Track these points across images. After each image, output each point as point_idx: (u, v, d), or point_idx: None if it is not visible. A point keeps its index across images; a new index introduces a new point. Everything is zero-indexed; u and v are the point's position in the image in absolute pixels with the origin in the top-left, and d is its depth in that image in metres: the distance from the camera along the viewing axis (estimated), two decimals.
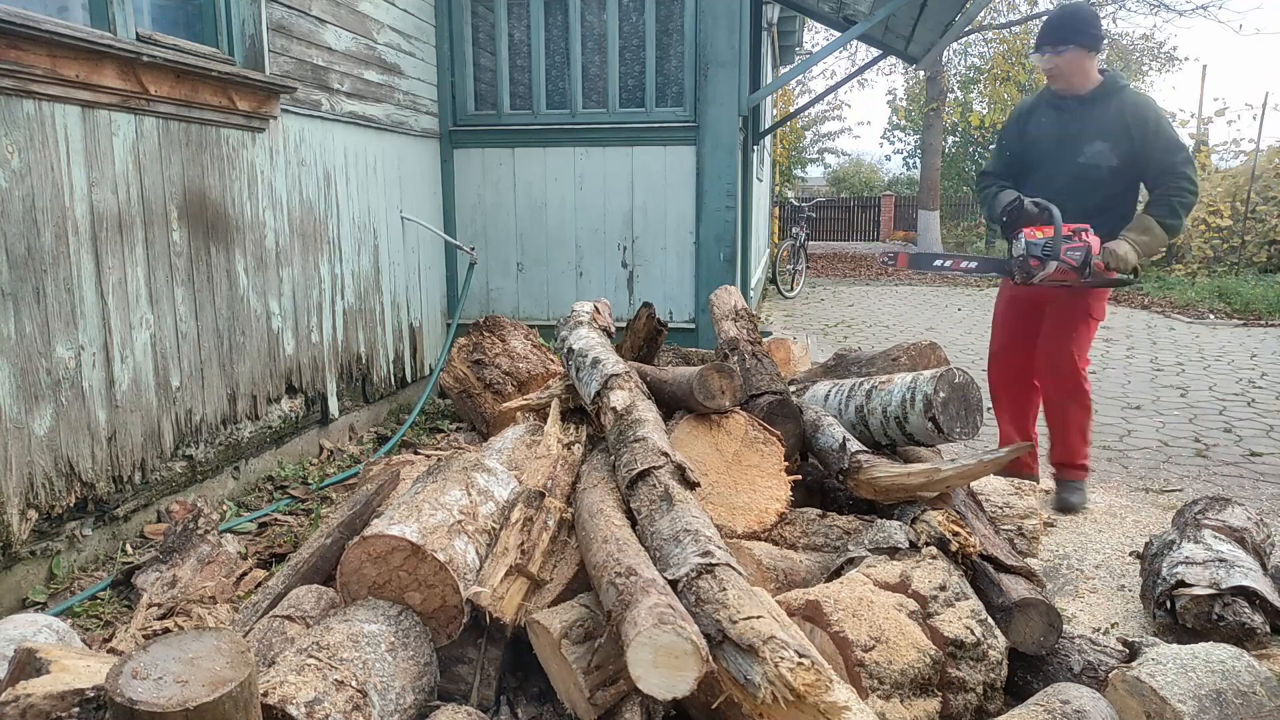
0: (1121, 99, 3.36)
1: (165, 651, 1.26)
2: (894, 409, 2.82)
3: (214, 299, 3.33)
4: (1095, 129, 3.39)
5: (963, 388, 2.72)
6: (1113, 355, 7.23)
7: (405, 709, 1.65)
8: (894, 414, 2.82)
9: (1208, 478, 4.02)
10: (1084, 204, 3.35)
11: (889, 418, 2.84)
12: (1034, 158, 3.59)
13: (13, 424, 2.47)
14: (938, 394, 2.69)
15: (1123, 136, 3.33)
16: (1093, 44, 3.33)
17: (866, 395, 2.95)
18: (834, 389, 3.13)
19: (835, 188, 31.95)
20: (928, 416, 2.69)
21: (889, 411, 2.83)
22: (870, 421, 2.90)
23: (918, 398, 2.74)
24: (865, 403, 2.94)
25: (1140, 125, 3.31)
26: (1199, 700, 1.64)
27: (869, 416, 2.91)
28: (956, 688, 1.81)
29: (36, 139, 2.53)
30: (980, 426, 2.75)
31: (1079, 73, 3.36)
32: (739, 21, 5.01)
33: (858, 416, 2.95)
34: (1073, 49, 3.30)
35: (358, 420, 4.43)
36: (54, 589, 2.61)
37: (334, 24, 4.11)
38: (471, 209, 5.46)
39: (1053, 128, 3.51)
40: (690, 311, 5.37)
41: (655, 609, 1.46)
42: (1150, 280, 11.68)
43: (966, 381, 2.73)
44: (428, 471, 2.27)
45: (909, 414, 2.76)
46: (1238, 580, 2.32)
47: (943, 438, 2.72)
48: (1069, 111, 3.45)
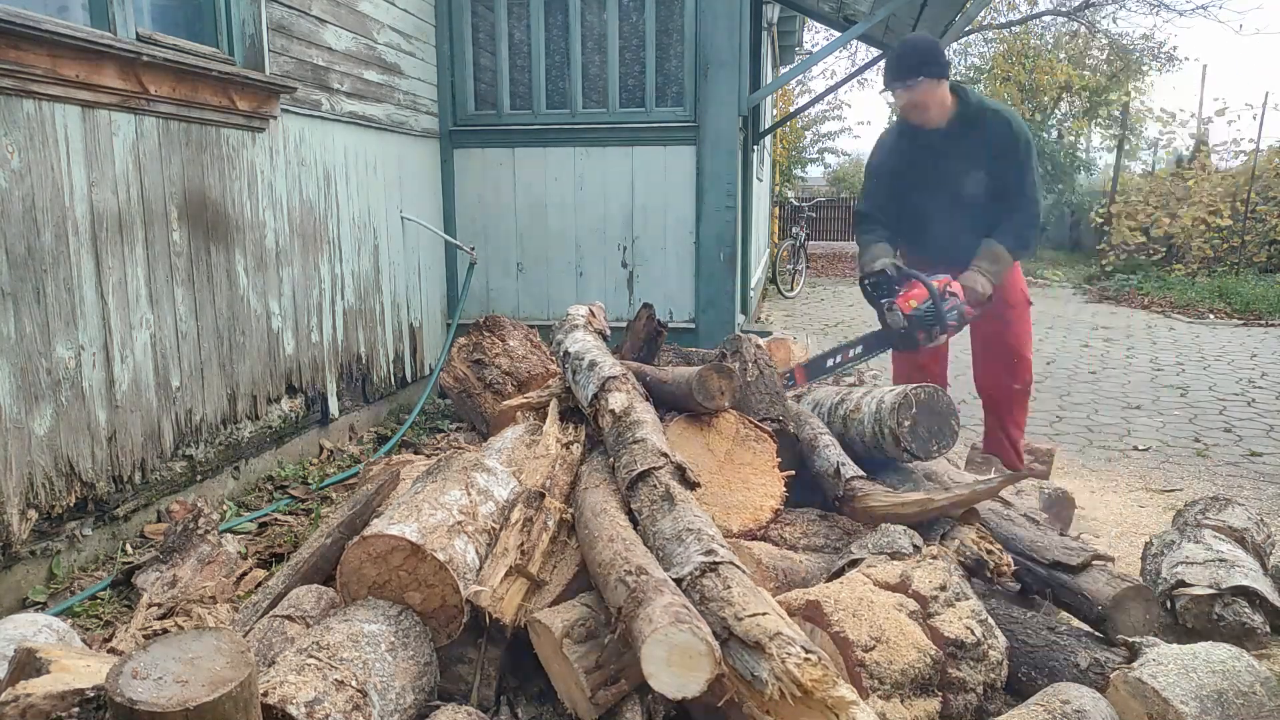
0: (983, 124, 3.33)
1: (165, 651, 1.26)
2: (869, 439, 2.74)
3: (214, 299, 3.33)
4: (964, 161, 3.37)
5: (928, 402, 2.62)
6: (1113, 355, 7.23)
7: (405, 709, 1.65)
8: (871, 444, 2.75)
9: (1208, 478, 4.02)
10: (966, 234, 3.37)
11: (869, 445, 2.77)
12: (908, 193, 3.56)
13: (13, 424, 2.47)
14: (902, 425, 2.59)
15: (992, 161, 3.33)
16: (940, 72, 3.30)
17: (844, 423, 2.87)
18: (815, 409, 3.07)
19: (835, 188, 31.90)
20: (902, 449, 2.62)
21: (866, 441, 2.76)
22: (855, 447, 2.81)
23: (885, 432, 2.65)
24: (845, 431, 2.86)
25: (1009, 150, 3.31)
26: (1200, 701, 1.64)
27: (852, 443, 2.82)
28: (957, 688, 1.81)
29: (36, 139, 2.53)
30: (958, 431, 2.66)
31: (934, 103, 3.33)
32: (739, 21, 5.01)
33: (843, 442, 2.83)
34: (922, 80, 3.27)
35: (358, 420, 4.43)
36: (54, 589, 2.61)
37: (334, 24, 4.11)
38: (471, 209, 5.46)
39: (921, 163, 3.48)
40: (690, 311, 5.36)
41: (670, 608, 1.46)
42: (1150, 280, 11.69)
43: (930, 394, 2.63)
44: (427, 471, 2.27)
45: (884, 445, 2.69)
46: (1238, 580, 2.32)
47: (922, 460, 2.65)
48: (933, 146, 3.42)
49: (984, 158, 3.34)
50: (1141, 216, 12.95)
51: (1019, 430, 3.62)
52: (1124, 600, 1.99)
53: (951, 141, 3.38)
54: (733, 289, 5.34)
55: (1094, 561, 2.13)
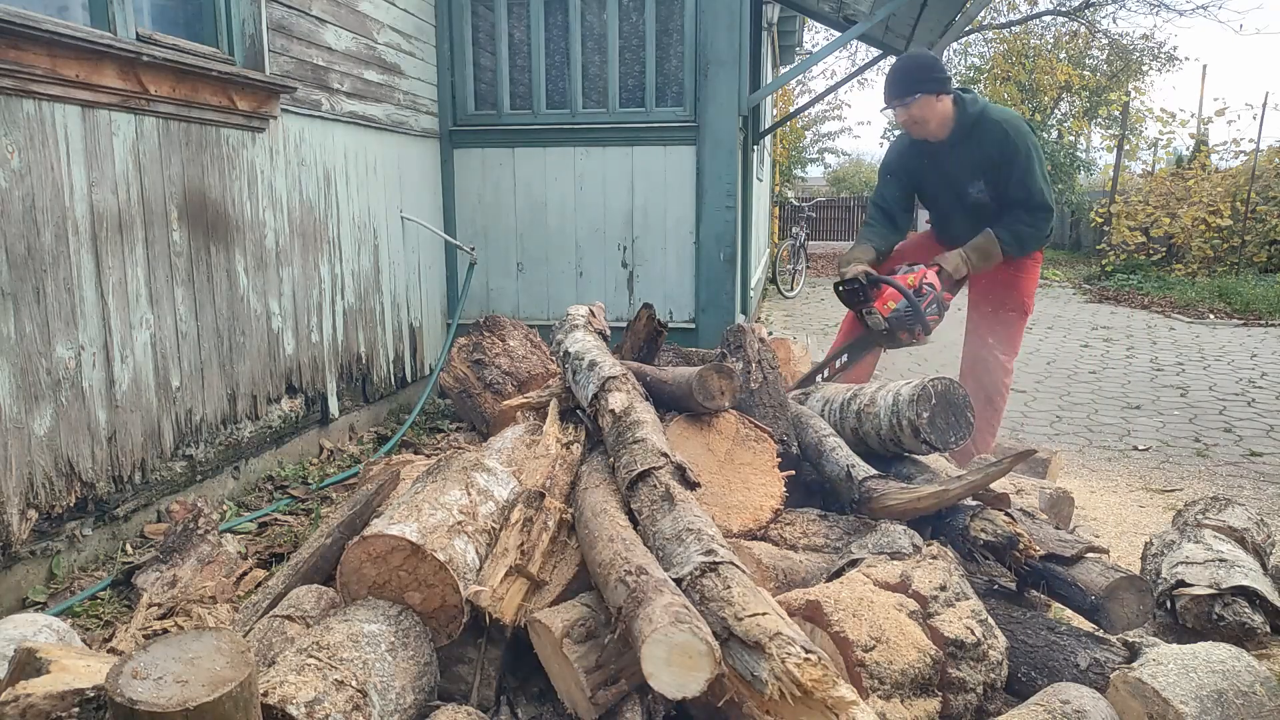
0: (983, 132, 3.36)
1: (165, 651, 1.26)
2: (886, 432, 2.76)
3: (214, 299, 3.33)
4: (969, 170, 3.42)
5: (944, 394, 2.65)
6: (1113, 355, 7.23)
7: (405, 709, 1.65)
8: (888, 436, 2.76)
9: (1208, 478, 4.02)
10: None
11: (884, 439, 2.78)
12: (925, 194, 3.69)
13: (13, 424, 2.47)
14: (921, 416, 2.61)
15: (993, 170, 3.37)
16: (938, 87, 3.33)
17: (857, 418, 2.89)
18: (826, 407, 3.09)
19: (835, 188, 31.92)
20: (920, 440, 2.64)
21: (883, 434, 2.78)
22: (869, 442, 2.84)
23: (904, 424, 2.67)
24: (859, 425, 2.87)
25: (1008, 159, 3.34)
26: (1200, 701, 1.64)
27: (866, 439, 2.84)
28: (957, 688, 1.81)
29: (36, 139, 2.53)
30: (974, 422, 2.72)
31: (934, 118, 3.36)
32: (739, 21, 5.01)
33: (855, 437, 2.88)
34: (919, 97, 3.31)
35: (358, 420, 4.43)
36: (54, 589, 2.61)
37: (334, 24, 4.11)
38: (471, 209, 5.46)
39: (932, 170, 3.55)
40: (690, 311, 5.36)
41: (671, 608, 1.46)
42: (1150, 280, 11.69)
43: (945, 386, 2.66)
44: (427, 471, 2.27)
45: (901, 438, 2.71)
46: (1238, 580, 2.32)
47: (940, 450, 2.68)
48: (939, 156, 3.47)
49: (985, 167, 3.37)
50: (1141, 216, 12.95)
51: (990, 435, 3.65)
52: (1117, 590, 1.99)
53: (955, 151, 3.42)
54: (733, 289, 5.34)
55: (1088, 553, 2.14)
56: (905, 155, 3.62)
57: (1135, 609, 2.00)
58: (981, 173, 3.38)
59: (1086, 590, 2.03)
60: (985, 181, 3.40)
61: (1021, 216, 3.38)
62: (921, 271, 3.33)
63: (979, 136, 3.36)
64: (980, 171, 3.39)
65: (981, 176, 3.39)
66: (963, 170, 3.42)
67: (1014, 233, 3.39)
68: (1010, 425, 4.88)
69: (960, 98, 3.40)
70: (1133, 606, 1.99)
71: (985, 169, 3.37)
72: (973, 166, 3.40)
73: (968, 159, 3.39)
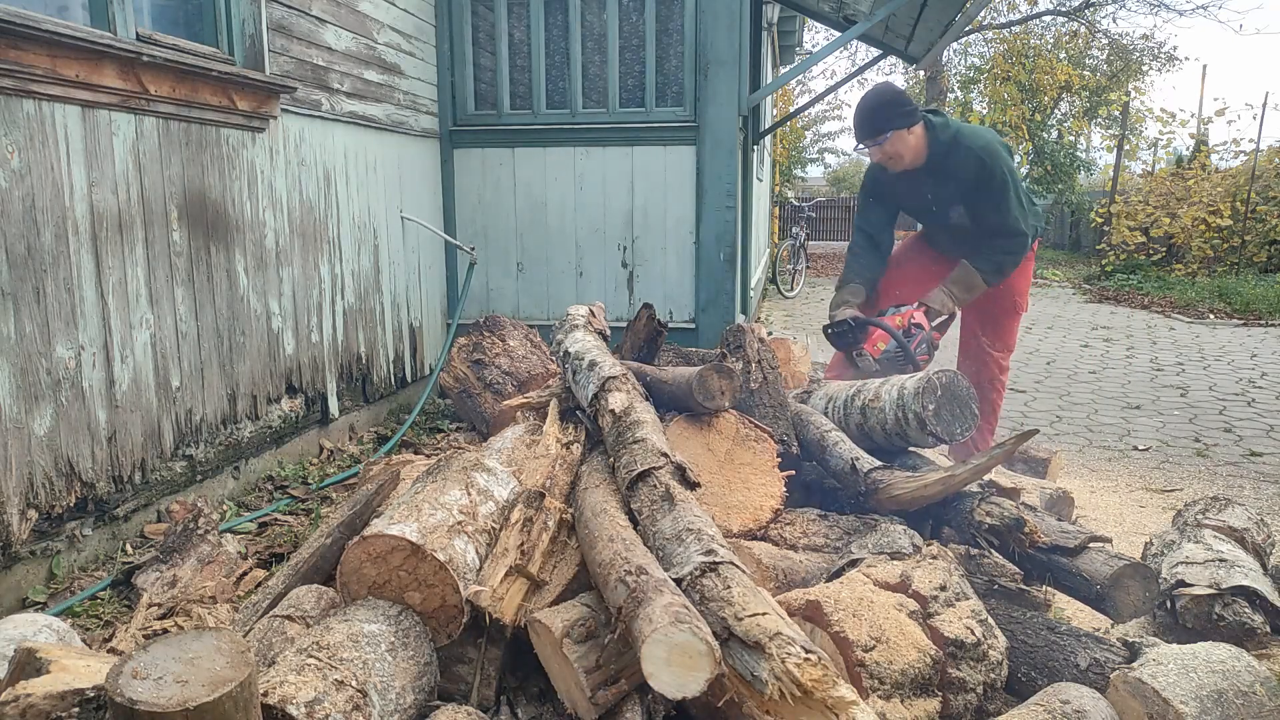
0: (958, 159, 3.35)
1: (165, 651, 1.26)
2: (891, 426, 2.79)
3: (214, 299, 3.33)
4: (948, 196, 3.43)
5: (949, 387, 2.69)
6: (1113, 355, 7.23)
7: (405, 709, 1.65)
8: (894, 430, 2.79)
9: (1208, 478, 4.02)
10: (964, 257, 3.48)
11: (890, 433, 2.81)
12: (909, 212, 3.74)
13: (13, 424, 2.47)
14: (927, 409, 2.64)
15: (971, 193, 3.37)
16: (908, 120, 3.32)
17: (862, 413, 2.91)
18: (829, 404, 3.11)
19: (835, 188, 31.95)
20: (927, 433, 2.67)
21: (888, 428, 2.80)
22: (874, 437, 2.87)
23: (910, 417, 2.70)
24: (863, 420, 2.90)
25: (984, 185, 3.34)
26: (1200, 701, 1.64)
27: (870, 434, 2.87)
28: (957, 688, 1.81)
29: (36, 139, 2.53)
30: (978, 414, 2.75)
31: (908, 152, 3.36)
32: (739, 21, 5.01)
33: (860, 432, 2.90)
34: (891, 134, 3.30)
35: (358, 420, 4.43)
36: (54, 589, 2.61)
37: (334, 24, 4.11)
38: (471, 209, 5.46)
39: (911, 195, 3.56)
40: (690, 311, 5.36)
41: (671, 608, 1.46)
42: (1150, 280, 11.69)
43: (950, 379, 2.70)
44: (427, 471, 2.27)
45: (908, 431, 2.74)
46: (1238, 580, 2.31)
47: (946, 442, 2.71)
48: (917, 181, 3.47)
49: (963, 190, 3.39)
50: (1141, 216, 12.96)
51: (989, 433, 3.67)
52: (1122, 578, 2.00)
53: (932, 177, 3.44)
54: (733, 289, 5.34)
55: (1091, 543, 2.14)
56: (882, 181, 3.63)
57: (1140, 596, 2.00)
58: (960, 197, 3.41)
59: (1091, 580, 2.04)
60: (963, 205, 3.43)
61: (999, 244, 3.40)
62: (909, 312, 3.38)
63: (954, 163, 3.36)
64: (958, 197, 3.41)
65: (960, 201, 3.42)
66: (940, 195, 3.45)
67: (993, 263, 3.42)
68: (1010, 425, 4.88)
69: (931, 122, 3.38)
70: (1138, 594, 2.00)
71: (963, 193, 3.39)
72: (949, 193, 3.42)
73: (944, 184, 3.41)
